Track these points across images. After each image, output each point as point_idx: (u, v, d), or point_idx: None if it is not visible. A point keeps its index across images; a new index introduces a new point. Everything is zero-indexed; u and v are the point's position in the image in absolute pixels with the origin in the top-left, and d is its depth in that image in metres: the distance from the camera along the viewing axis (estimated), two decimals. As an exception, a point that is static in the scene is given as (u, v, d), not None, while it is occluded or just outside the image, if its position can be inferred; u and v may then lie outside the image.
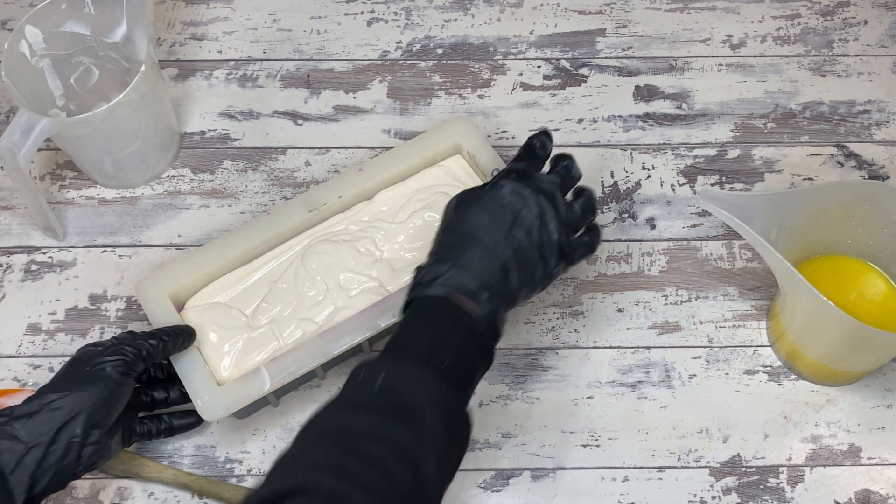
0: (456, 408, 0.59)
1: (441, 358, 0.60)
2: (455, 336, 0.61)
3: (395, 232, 0.78)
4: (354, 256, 0.77)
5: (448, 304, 0.62)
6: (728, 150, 0.88)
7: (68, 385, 0.64)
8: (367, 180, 0.79)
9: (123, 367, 0.66)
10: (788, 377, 0.77)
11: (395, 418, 0.56)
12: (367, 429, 0.56)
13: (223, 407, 0.70)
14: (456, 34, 0.95)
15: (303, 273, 0.76)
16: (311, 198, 0.79)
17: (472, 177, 0.80)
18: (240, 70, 0.93)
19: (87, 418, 0.63)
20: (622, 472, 0.74)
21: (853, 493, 0.73)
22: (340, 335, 0.72)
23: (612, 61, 0.93)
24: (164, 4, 0.96)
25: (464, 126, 0.82)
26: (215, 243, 0.77)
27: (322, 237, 0.78)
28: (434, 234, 0.68)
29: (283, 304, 0.75)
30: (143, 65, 0.78)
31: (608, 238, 0.83)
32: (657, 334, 0.79)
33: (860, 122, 0.89)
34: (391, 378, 0.58)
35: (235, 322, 0.75)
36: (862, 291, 0.77)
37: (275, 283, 0.76)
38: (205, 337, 0.74)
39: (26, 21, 0.80)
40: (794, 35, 0.94)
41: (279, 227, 0.78)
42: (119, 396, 0.66)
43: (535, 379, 0.78)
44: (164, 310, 0.74)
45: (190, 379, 0.71)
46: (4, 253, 0.84)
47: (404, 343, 0.62)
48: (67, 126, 0.78)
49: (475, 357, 0.62)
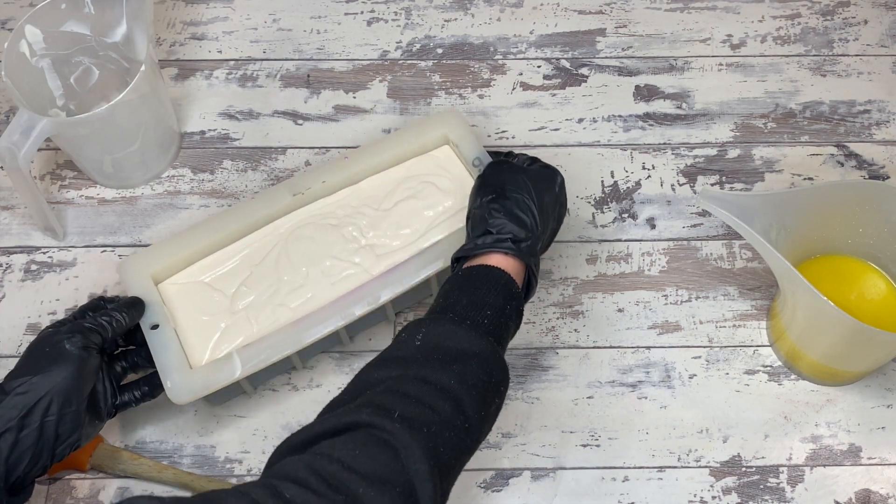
0: (493, 357, 0.62)
1: (479, 317, 0.63)
2: (493, 297, 0.64)
3: (380, 219, 0.78)
4: (340, 243, 0.77)
5: (487, 268, 0.66)
6: (728, 150, 0.88)
7: (31, 369, 0.64)
8: (353, 167, 0.80)
9: (82, 342, 0.66)
10: (788, 377, 0.77)
11: (435, 365, 0.59)
12: (406, 376, 0.58)
13: (192, 391, 0.70)
14: (456, 34, 0.95)
15: (284, 258, 0.77)
16: (296, 183, 0.79)
17: (459, 167, 0.81)
18: (240, 70, 0.93)
19: (56, 397, 0.63)
20: (622, 472, 0.74)
21: (853, 493, 0.73)
22: (315, 323, 0.72)
23: (612, 61, 0.93)
24: (164, 4, 0.96)
25: (451, 118, 0.81)
26: (200, 227, 0.77)
27: (308, 219, 0.78)
28: (419, 221, 0.72)
29: (262, 289, 0.75)
30: (143, 65, 0.78)
31: (608, 238, 0.84)
32: (657, 334, 0.79)
33: (860, 121, 0.89)
34: (431, 334, 0.61)
35: (215, 305, 0.75)
36: (862, 291, 0.77)
37: (256, 267, 0.76)
38: (184, 318, 0.74)
39: (26, 21, 0.80)
40: (794, 35, 0.94)
41: (264, 210, 0.78)
42: (85, 370, 0.66)
43: (535, 379, 0.78)
44: (145, 289, 0.74)
45: (161, 360, 0.71)
46: (4, 253, 0.84)
47: (445, 305, 0.64)
48: (67, 126, 0.78)
49: (510, 318, 0.65)
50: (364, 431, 0.54)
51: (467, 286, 0.65)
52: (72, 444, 0.65)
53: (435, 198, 0.79)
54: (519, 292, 0.66)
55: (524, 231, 0.68)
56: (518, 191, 0.70)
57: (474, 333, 0.61)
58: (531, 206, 0.69)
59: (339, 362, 0.79)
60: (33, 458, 0.63)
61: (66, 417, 0.64)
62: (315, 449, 0.54)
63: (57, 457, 0.64)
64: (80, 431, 0.65)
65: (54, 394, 0.63)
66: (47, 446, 0.63)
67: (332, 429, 0.55)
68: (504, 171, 0.72)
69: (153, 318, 0.73)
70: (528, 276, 0.68)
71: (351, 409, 0.56)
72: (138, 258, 0.76)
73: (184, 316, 0.74)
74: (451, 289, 0.66)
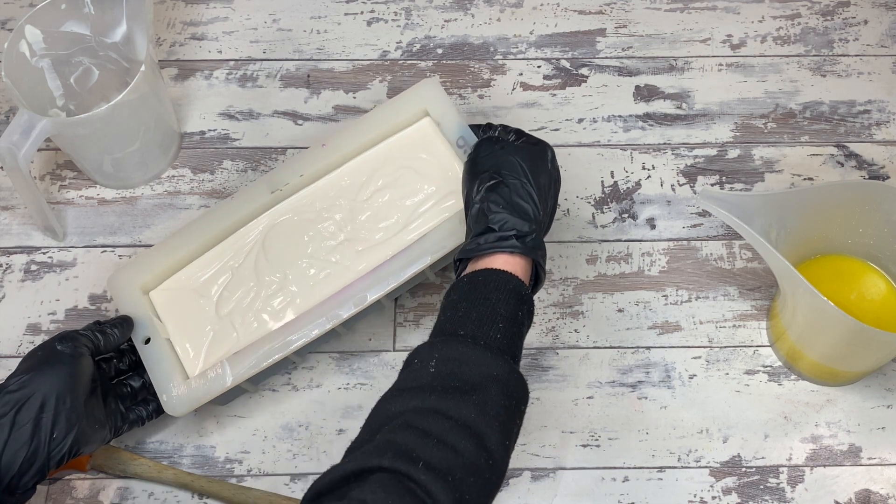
0: (512, 378, 0.59)
1: (492, 332, 0.60)
2: (503, 306, 0.62)
3: (357, 211, 0.76)
4: (316, 240, 0.75)
5: (493, 273, 0.63)
6: (728, 150, 0.88)
7: (24, 371, 0.65)
8: (330, 156, 0.78)
9: (73, 344, 0.67)
10: (788, 377, 0.77)
11: (452, 395, 0.57)
12: (425, 408, 0.56)
13: (187, 403, 0.70)
14: (456, 34, 0.95)
15: (263, 260, 0.76)
16: (274, 178, 0.77)
17: (439, 144, 0.77)
18: (240, 70, 0.93)
19: (49, 394, 0.63)
20: (622, 472, 0.74)
21: (853, 493, 0.73)
22: (301, 327, 0.72)
23: (612, 61, 0.93)
24: (164, 4, 0.96)
25: (430, 90, 0.78)
26: (181, 233, 0.76)
27: (285, 215, 0.77)
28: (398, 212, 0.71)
29: (243, 293, 0.75)
30: (143, 65, 0.78)
31: (608, 238, 0.83)
32: (657, 334, 0.79)
33: (860, 122, 0.89)
34: (444, 359, 0.59)
35: (202, 311, 0.74)
36: (862, 291, 0.77)
37: (236, 270, 0.75)
38: (174, 326, 0.74)
39: (26, 21, 0.80)
40: (794, 35, 0.94)
41: (244, 209, 0.77)
42: (78, 369, 0.66)
43: (535, 379, 0.78)
44: (135, 302, 0.74)
45: (155, 374, 0.71)
46: (4, 253, 0.84)
47: (454, 320, 0.62)
48: (67, 126, 0.78)
49: (522, 323, 0.63)
50: (390, 477, 0.52)
51: (474, 296, 0.62)
52: (71, 449, 0.64)
53: (414, 185, 0.76)
54: (528, 293, 0.64)
55: (527, 224, 0.65)
56: (514, 175, 0.67)
57: (489, 354, 0.59)
58: (530, 192, 0.67)
59: (339, 362, 0.79)
60: (29, 458, 0.62)
61: (60, 416, 0.63)
62: (350, 496, 0.52)
63: (53, 460, 0.63)
64: (77, 433, 0.64)
65: (47, 391, 0.63)
66: (42, 446, 0.63)
67: (358, 470, 0.53)
68: (496, 153, 0.69)
69: (144, 333, 0.73)
70: (536, 268, 0.66)
71: (373, 449, 0.54)
72: (125, 271, 0.75)
73: (174, 324, 0.74)
74: (457, 300, 0.63)
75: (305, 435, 0.76)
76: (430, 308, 0.81)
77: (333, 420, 0.76)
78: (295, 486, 0.74)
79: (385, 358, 0.79)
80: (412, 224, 0.75)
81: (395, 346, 0.79)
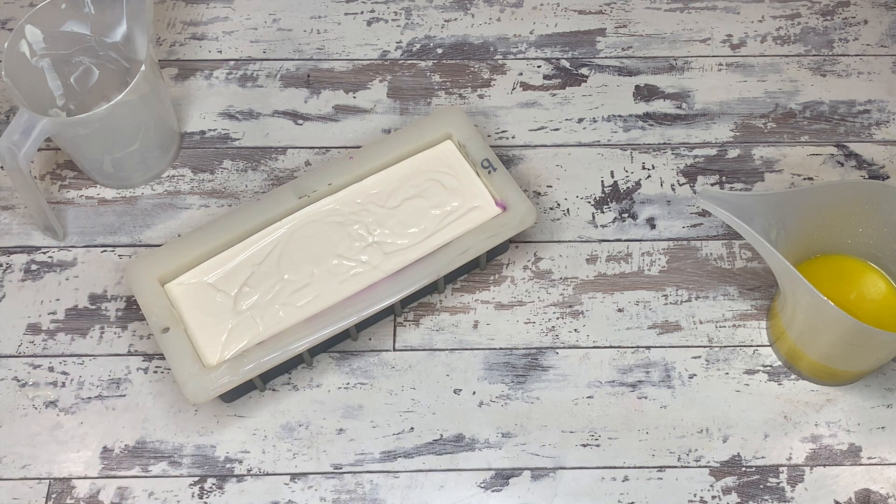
0: None
1: None
2: None
3: (386, 217, 0.79)
4: (346, 241, 0.77)
5: None
6: (728, 150, 0.88)
7: None
8: (358, 168, 0.80)
9: None
10: (788, 377, 0.77)
11: None
12: None
13: (206, 391, 0.71)
14: (456, 34, 0.95)
15: (286, 258, 0.77)
16: (302, 184, 0.79)
17: (462, 163, 0.81)
18: (240, 70, 0.93)
19: None
20: (622, 472, 0.74)
21: (853, 493, 0.73)
22: (328, 321, 0.73)
23: (612, 61, 0.93)
24: (164, 4, 0.96)
25: (454, 116, 0.82)
26: (204, 228, 0.78)
27: (312, 218, 0.78)
28: (426, 220, 0.72)
29: (265, 289, 0.76)
30: (143, 65, 0.78)
31: (608, 238, 0.84)
32: (657, 334, 0.79)
33: (860, 121, 0.89)
34: None
35: (220, 305, 0.75)
36: (862, 291, 0.77)
37: (257, 267, 0.77)
38: (191, 319, 0.74)
39: (26, 21, 0.80)
40: (794, 35, 0.94)
41: (269, 212, 0.78)
42: None
43: (535, 379, 0.78)
44: (153, 293, 0.75)
45: (174, 362, 0.72)
46: (4, 253, 0.84)
47: None
48: (67, 126, 0.78)
49: None
50: None
51: None
52: None
53: (441, 197, 0.79)
54: None
55: None
56: None
57: None
58: None
59: (339, 362, 0.79)
60: None
61: None
62: None
63: None
64: None
65: None
66: None
67: None
68: None
69: (163, 322, 0.73)
70: None
71: None
72: (144, 260, 0.76)
73: (191, 317, 0.75)
74: None
75: (305, 434, 0.76)
76: (431, 308, 0.81)
77: (333, 420, 0.77)
78: (295, 486, 0.74)
79: (385, 358, 0.79)
80: (438, 233, 0.78)
81: (395, 346, 0.79)
